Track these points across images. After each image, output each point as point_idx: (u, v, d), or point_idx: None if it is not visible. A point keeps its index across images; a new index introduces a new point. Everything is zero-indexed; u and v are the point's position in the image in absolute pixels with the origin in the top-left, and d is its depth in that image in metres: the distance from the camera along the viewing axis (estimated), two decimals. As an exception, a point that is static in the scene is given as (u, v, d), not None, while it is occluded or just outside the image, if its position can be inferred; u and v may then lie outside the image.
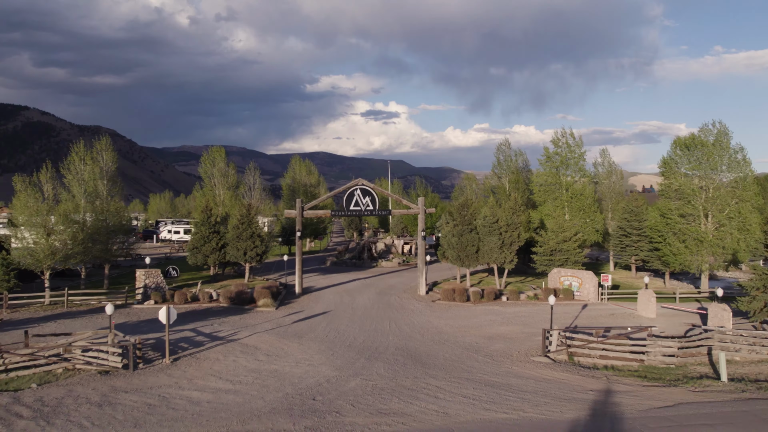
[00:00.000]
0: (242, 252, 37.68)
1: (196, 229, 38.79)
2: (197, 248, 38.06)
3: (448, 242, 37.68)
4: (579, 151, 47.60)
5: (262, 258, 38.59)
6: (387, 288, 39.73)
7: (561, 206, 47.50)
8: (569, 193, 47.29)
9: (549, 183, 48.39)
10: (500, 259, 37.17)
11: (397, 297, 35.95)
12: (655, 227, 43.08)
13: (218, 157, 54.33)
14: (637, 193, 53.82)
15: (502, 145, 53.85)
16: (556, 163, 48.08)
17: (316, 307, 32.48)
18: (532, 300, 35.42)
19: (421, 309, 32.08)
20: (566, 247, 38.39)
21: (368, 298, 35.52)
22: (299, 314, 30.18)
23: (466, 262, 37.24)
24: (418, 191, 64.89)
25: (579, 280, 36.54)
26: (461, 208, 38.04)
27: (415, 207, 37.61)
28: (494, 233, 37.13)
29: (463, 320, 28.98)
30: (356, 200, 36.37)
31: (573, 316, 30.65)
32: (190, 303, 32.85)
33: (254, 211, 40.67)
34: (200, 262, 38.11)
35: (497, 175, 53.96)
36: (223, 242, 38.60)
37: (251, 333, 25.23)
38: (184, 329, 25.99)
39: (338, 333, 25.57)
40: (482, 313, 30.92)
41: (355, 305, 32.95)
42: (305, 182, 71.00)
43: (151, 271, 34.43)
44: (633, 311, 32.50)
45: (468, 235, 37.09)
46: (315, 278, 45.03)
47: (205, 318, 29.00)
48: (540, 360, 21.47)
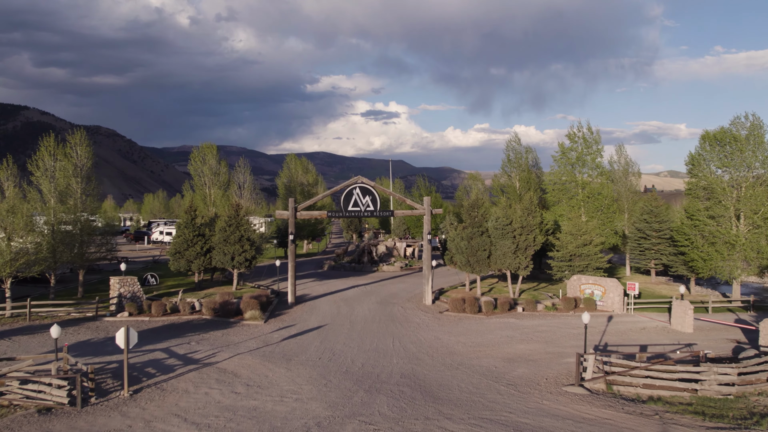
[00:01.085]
0: (229, 257, 34.15)
1: (178, 231, 35.26)
2: (180, 253, 34.53)
3: (457, 246, 34.14)
4: (596, 146, 44.08)
5: (252, 264, 35.06)
6: (389, 296, 36.20)
7: (577, 206, 43.98)
8: (585, 192, 43.76)
9: (564, 181, 44.89)
10: (514, 264, 33.63)
11: (401, 307, 32.41)
12: (681, 229, 39.49)
13: (209, 154, 50.72)
14: (656, 192, 50.15)
15: (512, 141, 50.32)
16: (572, 159, 44.56)
17: (310, 319, 28.94)
18: (550, 311, 31.86)
19: (427, 322, 28.53)
20: (586, 252, 34.84)
21: (368, 308, 31.99)
22: (290, 329, 26.64)
23: (476, 268, 33.70)
24: (421, 191, 61.33)
25: (602, 288, 32.98)
26: (471, 209, 34.51)
27: (420, 207, 34.09)
28: (507, 236, 33.59)
29: (476, 336, 25.43)
30: (355, 200, 32.84)
31: (599, 331, 27.09)
32: (169, 315, 29.32)
33: (243, 211, 37.15)
34: (183, 268, 34.58)
35: (507, 174, 50.40)
36: (208, 246, 35.06)
37: (232, 354, 21.69)
38: (156, 348, 22.47)
39: (333, 354, 22.02)
40: (497, 327, 27.37)
41: (354, 317, 29.41)
42: (302, 181, 67.49)
43: (127, 278, 30.91)
44: (665, 324, 28.96)
45: (479, 239, 33.56)
46: (310, 285, 41.48)
47: (183, 333, 25.47)
48: (574, 391, 17.93)
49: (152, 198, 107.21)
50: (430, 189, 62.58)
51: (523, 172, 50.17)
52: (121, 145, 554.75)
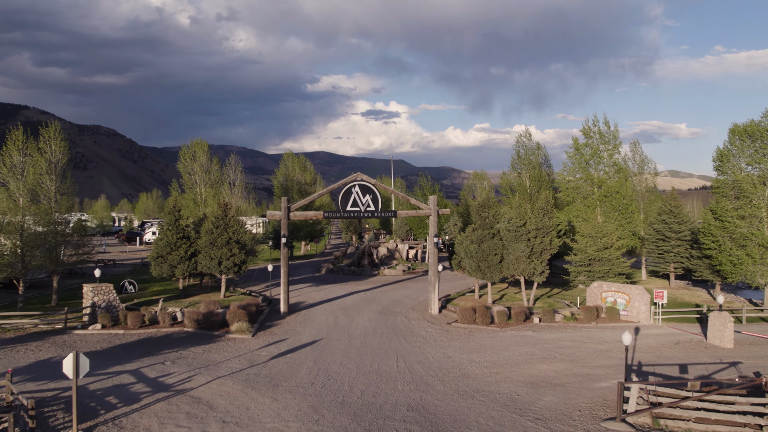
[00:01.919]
0: (216, 262, 31.14)
1: (161, 233, 32.26)
2: (162, 257, 31.53)
3: (466, 250, 31.13)
4: (614, 142, 41.01)
5: (241, 269, 32.05)
6: (391, 304, 33.20)
7: (592, 206, 40.94)
8: (602, 191, 40.69)
9: (578, 179, 41.85)
10: (528, 270, 30.61)
11: (405, 317, 29.41)
12: (707, 231, 36.45)
13: (199, 151, 47.72)
14: (675, 191, 47.15)
15: (522, 136, 47.23)
16: (587, 156, 41.49)
17: (304, 332, 25.93)
18: (569, 321, 28.84)
19: (435, 336, 25.51)
20: (607, 256, 31.82)
21: (369, 318, 28.98)
22: (281, 345, 23.62)
23: (487, 274, 30.68)
24: (424, 189, 58.26)
25: (626, 296, 29.96)
26: (481, 209, 31.49)
27: (426, 207, 31.08)
28: (521, 239, 30.59)
29: (491, 353, 22.41)
30: (355, 199, 29.84)
31: (629, 347, 24.02)
32: (147, 327, 26.33)
33: (233, 211, 34.19)
34: (166, 274, 31.57)
35: (516, 171, 47.34)
36: (193, 250, 32.06)
37: (211, 378, 18.68)
38: (124, 370, 19.47)
39: (329, 377, 19.01)
40: (513, 342, 24.35)
41: (353, 330, 26.40)
42: (299, 180, 64.50)
43: (101, 286, 27.90)
44: (700, 338, 25.95)
45: (490, 242, 30.55)
46: (306, 291, 38.48)
47: (159, 350, 22.48)
48: (616, 428, 14.91)
49: (146, 197, 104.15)
50: (434, 188, 59.51)
51: (534, 169, 47.08)
52: (121, 145, 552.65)
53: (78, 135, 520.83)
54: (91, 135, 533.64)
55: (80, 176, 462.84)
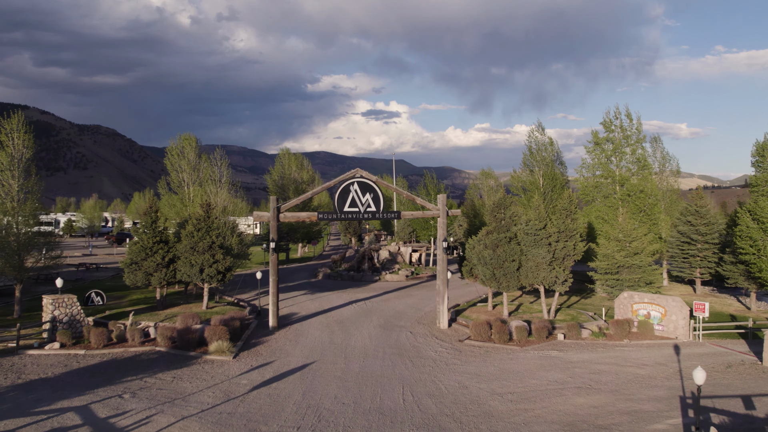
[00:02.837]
0: (197, 269, 27.61)
1: (136, 236, 28.74)
2: (136, 263, 28.00)
3: (479, 256, 27.59)
4: (638, 135, 37.49)
5: (226, 276, 28.52)
6: (394, 316, 29.67)
7: (614, 206, 37.43)
8: (624, 190, 37.18)
9: (598, 177, 38.35)
10: (549, 278, 27.07)
11: (410, 333, 25.87)
12: (745, 234, 32.86)
13: (187, 147, 44.09)
14: (701, 190, 43.52)
15: (534, 131, 43.67)
16: (608, 151, 37.98)
17: (294, 352, 22.39)
18: (598, 338, 25.28)
19: (446, 357, 21.96)
20: (638, 263, 28.28)
21: (369, 334, 25.45)
22: (265, 369, 20.08)
23: (503, 283, 27.13)
24: (428, 188, 54.71)
25: (661, 308, 26.41)
26: (496, 210, 27.95)
27: (433, 207, 27.55)
28: (541, 244, 27.05)
29: (514, 381, 18.86)
30: (353, 198, 26.32)
31: (674, 371, 20.49)
32: (113, 345, 22.82)
33: (217, 212, 30.73)
34: (140, 282, 28.04)
35: (529, 168, 43.78)
36: (172, 255, 28.53)
37: (174, 419, 15.15)
38: (71, 407, 15.95)
39: (319, 418, 15.46)
40: (538, 365, 20.81)
41: (351, 349, 22.86)
42: (296, 178, 61.00)
43: (63, 297, 24.39)
44: (753, 359, 22.38)
45: (506, 247, 27.01)
46: (300, 299, 34.98)
47: (121, 377, 18.96)
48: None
49: (139, 197, 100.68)
50: (439, 187, 55.98)
51: (547, 166, 43.54)
52: (121, 145, 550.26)
53: (78, 135, 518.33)
54: (91, 135, 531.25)
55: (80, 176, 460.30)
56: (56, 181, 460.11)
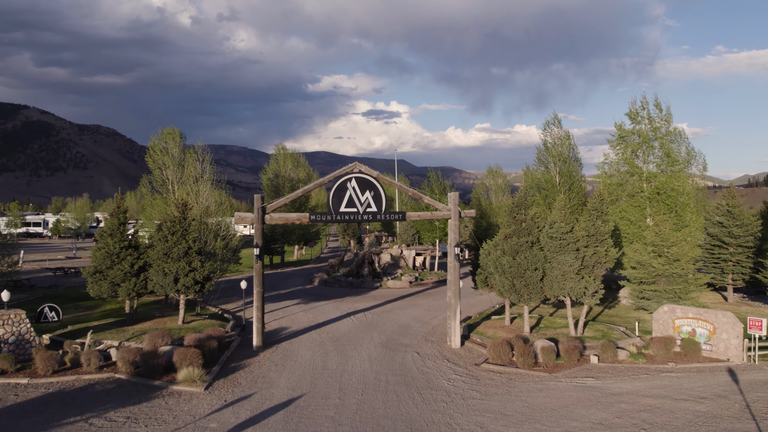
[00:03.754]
0: (172, 278, 23.93)
1: (101, 241, 25.08)
2: (101, 272, 24.33)
3: (497, 263, 23.88)
4: (667, 127, 33.83)
5: (205, 287, 24.83)
6: (398, 331, 25.99)
7: (641, 206, 33.78)
8: (653, 188, 33.50)
9: (622, 173, 34.70)
10: (578, 289, 23.38)
11: (417, 354, 22.17)
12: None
13: (171, 142, 40.48)
14: (734, 188, 39.81)
15: (549, 123, 40.03)
16: (633, 144, 34.31)
17: (279, 383, 18.69)
18: (638, 360, 21.55)
19: (462, 388, 18.25)
20: (679, 271, 24.59)
21: (369, 356, 21.75)
22: (241, 407, 16.38)
23: (525, 295, 23.43)
24: (433, 187, 50.98)
25: (709, 325, 22.69)
26: (516, 210, 24.25)
27: (443, 207, 23.86)
28: (568, 249, 23.35)
29: (549, 425, 15.15)
30: (351, 196, 22.65)
31: (739, 407, 16.75)
32: (65, 372, 19.15)
33: (195, 212, 27.10)
34: (106, 294, 24.36)
35: (544, 164, 40.10)
36: (143, 262, 24.86)
37: (110, 486, 11.46)
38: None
39: (303, 484, 11.77)
40: (574, 400, 17.10)
41: (347, 379, 19.16)
42: (292, 177, 57.38)
43: (9, 313, 20.72)
44: (830, 389, 18.64)
45: (528, 253, 23.31)
46: (292, 310, 31.30)
47: (63, 417, 15.29)
48: None
49: (131, 196, 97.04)
50: (444, 185, 52.30)
51: (564, 163, 39.88)
52: (121, 145, 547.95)
53: (78, 135, 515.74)
54: (91, 135, 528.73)
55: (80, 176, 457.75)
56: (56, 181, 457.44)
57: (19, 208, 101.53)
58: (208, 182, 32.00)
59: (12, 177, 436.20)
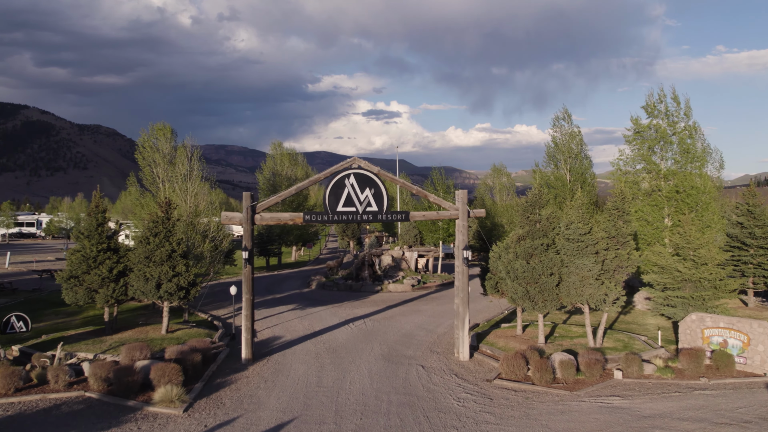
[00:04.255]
0: (154, 284, 21.90)
1: (78, 244, 23.10)
2: (76, 278, 22.32)
3: (509, 267, 21.85)
4: (686, 122, 31.82)
5: (190, 293, 22.81)
6: (400, 341, 23.96)
7: (659, 205, 31.77)
8: (672, 186, 31.49)
9: (639, 170, 32.70)
10: (598, 296, 21.34)
11: (422, 368, 20.14)
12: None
13: (162, 138, 38.51)
14: (754, 186, 37.75)
15: (559, 117, 38.00)
16: (650, 140, 32.30)
17: (267, 404, 16.66)
18: (666, 375, 19.50)
19: (474, 410, 16.22)
20: (707, 276, 22.56)
21: (369, 371, 19.72)
22: (223, 433, 14.37)
23: (539, 303, 21.39)
24: (436, 185, 48.96)
25: (742, 336, 20.64)
26: (530, 209, 22.21)
27: (451, 206, 21.84)
28: (587, 252, 21.32)
29: (576, 455, 13.12)
30: (349, 194, 20.64)
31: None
32: (29, 391, 17.14)
33: (180, 212, 25.13)
34: (82, 301, 22.34)
35: (554, 161, 38.07)
36: (123, 267, 22.84)
37: None
38: None
39: None
40: (601, 425, 15.06)
41: (344, 399, 17.12)
42: (289, 176, 55.34)
43: (-30, 324, 18.72)
44: None
45: (543, 256, 21.28)
46: (287, 317, 29.29)
47: (16, 448, 13.29)
48: None
49: (125, 195, 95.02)
50: (448, 183, 50.29)
51: (575, 159, 37.86)
52: (121, 144, 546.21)
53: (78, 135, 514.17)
54: (92, 135, 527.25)
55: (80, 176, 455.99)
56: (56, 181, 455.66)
57: (11, 208, 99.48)
58: (197, 180, 29.96)
59: (12, 177, 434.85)
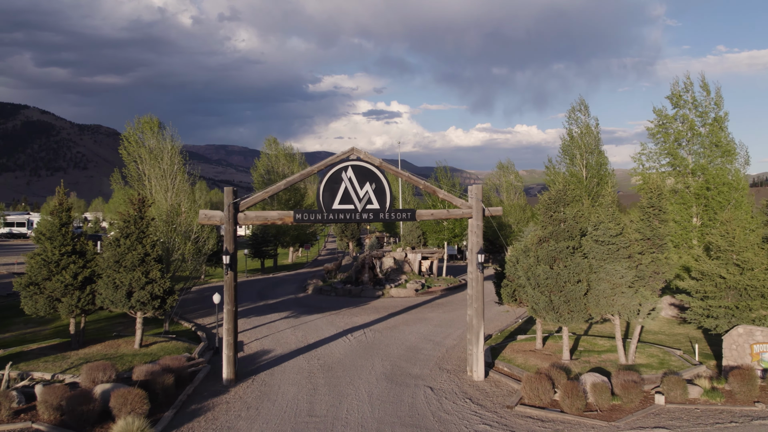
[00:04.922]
0: (124, 292, 19.20)
1: (39, 246, 20.40)
2: (36, 284, 19.62)
3: (531, 274, 19.12)
4: (716, 112, 29.10)
5: (166, 302, 20.09)
6: (405, 356, 21.22)
7: (687, 204, 29.06)
8: (702, 182, 28.78)
9: (663, 166, 30.00)
10: (631, 306, 18.63)
11: (430, 391, 17.40)
12: None
13: (148, 132, 35.81)
14: None
15: (575, 110, 35.26)
16: (676, 132, 29.60)
17: (249, 436, 13.94)
18: (715, 399, 16.76)
19: (495, 447, 13.49)
20: (753, 283, 19.81)
21: (369, 394, 16.98)
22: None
23: (565, 314, 18.65)
24: (441, 184, 46.19)
25: (800, 352, 17.91)
26: (553, 207, 19.47)
27: (463, 204, 19.12)
28: (619, 256, 18.61)
29: None
30: (347, 190, 17.95)
31: None
32: (-35, 422, 14.44)
33: (156, 211, 22.48)
34: (43, 311, 19.63)
35: (569, 156, 35.33)
36: (90, 272, 20.13)
37: None
38: None
39: None
40: (653, 467, 12.34)
41: (341, 430, 14.40)
42: (284, 173, 52.61)
43: None
44: None
45: (568, 261, 18.56)
46: (279, 326, 26.57)
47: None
48: None
49: (121, 194, 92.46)
50: (453, 181, 47.60)
51: (591, 154, 35.11)
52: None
53: (78, 135, 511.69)
54: (92, 134, 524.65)
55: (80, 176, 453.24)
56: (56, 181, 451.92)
57: (1, 208, 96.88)
58: (180, 175, 27.29)
59: (12, 177, 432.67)
